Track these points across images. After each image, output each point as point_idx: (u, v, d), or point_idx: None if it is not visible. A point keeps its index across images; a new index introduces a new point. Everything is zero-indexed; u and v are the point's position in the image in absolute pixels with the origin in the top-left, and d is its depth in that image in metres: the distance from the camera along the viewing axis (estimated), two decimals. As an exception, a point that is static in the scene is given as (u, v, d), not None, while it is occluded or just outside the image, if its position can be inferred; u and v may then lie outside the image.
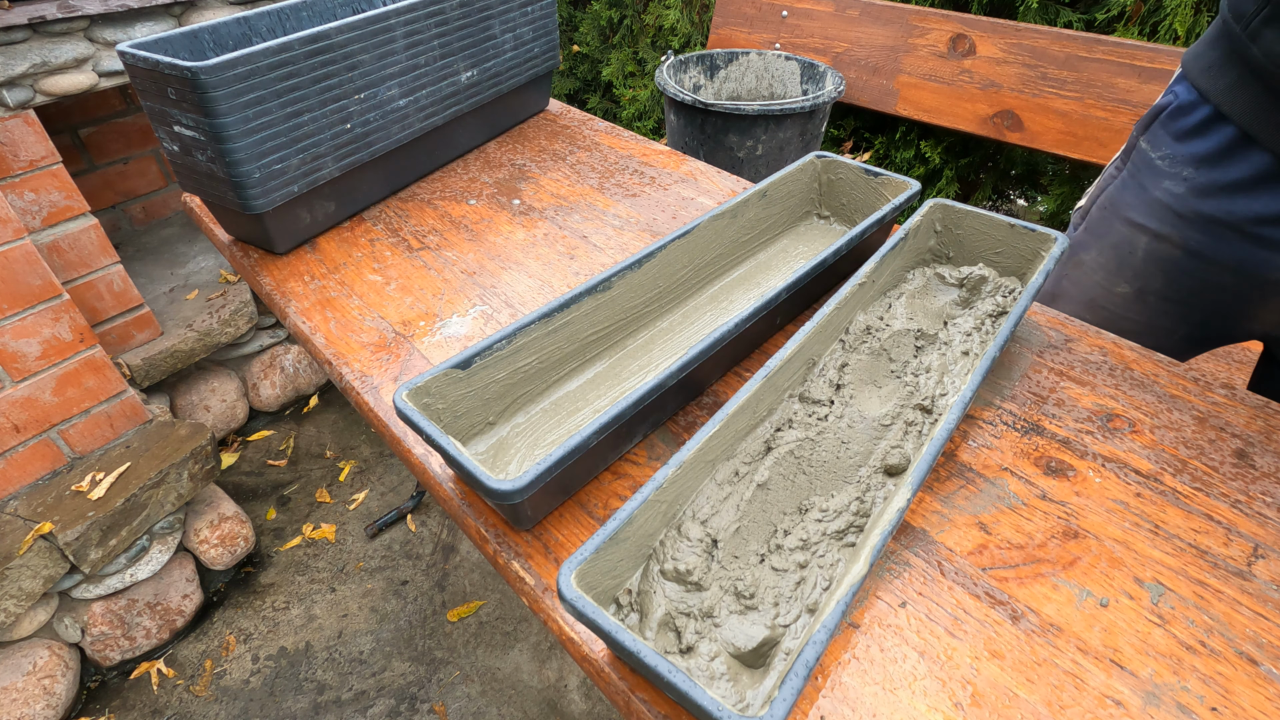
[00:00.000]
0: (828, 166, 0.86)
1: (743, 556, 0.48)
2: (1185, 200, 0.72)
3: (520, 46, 1.08)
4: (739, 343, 0.65)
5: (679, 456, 0.49)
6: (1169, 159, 0.73)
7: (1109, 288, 0.80)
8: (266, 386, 1.90)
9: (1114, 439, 0.58)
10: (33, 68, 1.23)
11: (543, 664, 1.40)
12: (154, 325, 1.59)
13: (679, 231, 0.70)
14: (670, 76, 1.87)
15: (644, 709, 0.43)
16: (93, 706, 1.36)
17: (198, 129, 0.73)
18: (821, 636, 0.38)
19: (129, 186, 1.86)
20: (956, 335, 0.68)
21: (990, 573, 0.49)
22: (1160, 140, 0.74)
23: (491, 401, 0.59)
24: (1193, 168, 0.71)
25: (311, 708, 1.35)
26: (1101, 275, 0.80)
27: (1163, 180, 0.73)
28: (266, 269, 0.85)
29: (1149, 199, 0.75)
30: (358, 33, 0.81)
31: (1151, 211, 0.74)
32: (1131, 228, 0.76)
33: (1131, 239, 0.77)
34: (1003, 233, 0.73)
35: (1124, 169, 0.78)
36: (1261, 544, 0.50)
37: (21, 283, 1.17)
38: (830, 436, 0.57)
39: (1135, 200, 0.76)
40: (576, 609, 0.39)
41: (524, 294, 0.78)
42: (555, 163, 1.06)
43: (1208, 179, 0.70)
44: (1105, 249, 0.79)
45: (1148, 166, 0.75)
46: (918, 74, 1.80)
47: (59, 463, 1.32)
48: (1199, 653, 0.44)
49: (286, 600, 1.54)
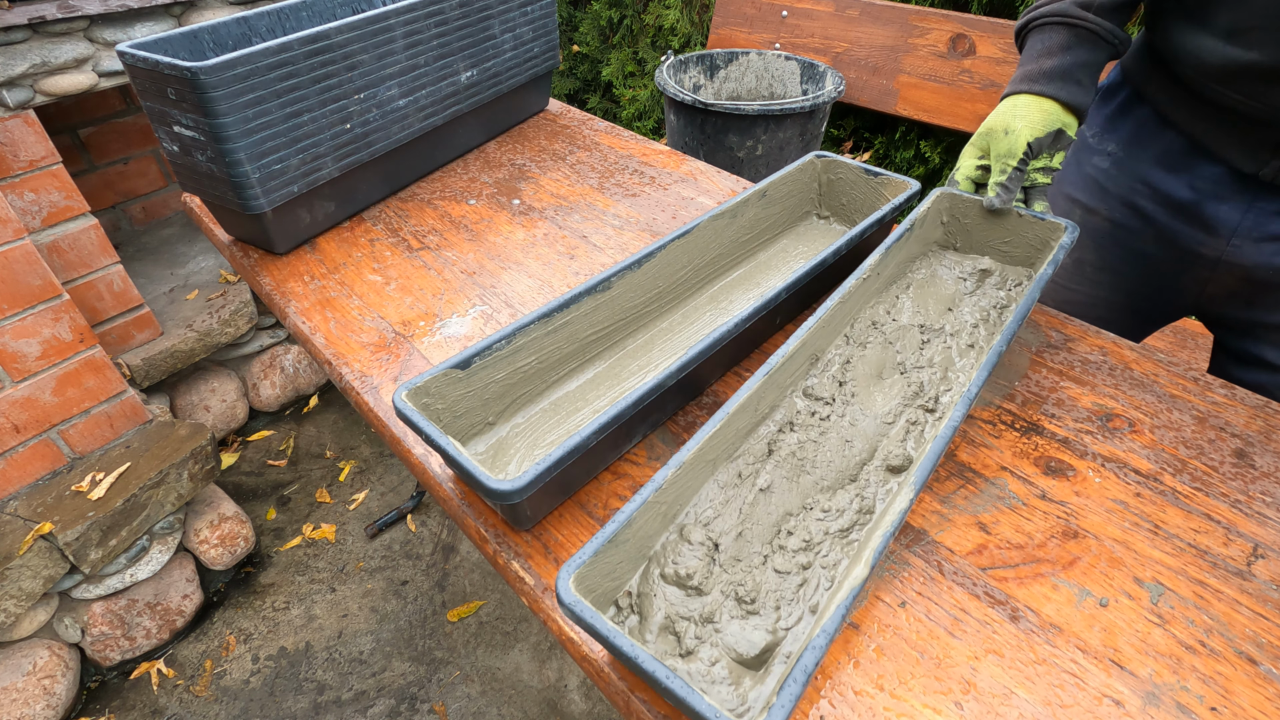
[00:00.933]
0: (828, 166, 0.86)
1: (745, 559, 0.48)
2: (1110, 175, 0.79)
3: (520, 46, 1.08)
4: (739, 342, 0.65)
5: (678, 457, 0.48)
6: (1098, 136, 0.80)
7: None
8: (266, 386, 1.90)
9: (1114, 439, 0.58)
10: (33, 68, 1.23)
11: (543, 664, 1.40)
12: (154, 325, 1.59)
13: (679, 231, 0.70)
14: (670, 76, 1.87)
15: (644, 709, 0.43)
16: (93, 706, 1.36)
17: (198, 129, 0.73)
18: (821, 641, 0.38)
19: (129, 186, 1.86)
20: (962, 329, 0.67)
21: (990, 573, 0.48)
22: (1092, 119, 0.82)
23: (491, 401, 0.59)
24: (1116, 144, 0.78)
25: (311, 708, 1.35)
26: None
27: (1093, 156, 0.81)
28: (266, 269, 0.85)
29: (1082, 174, 0.82)
30: (357, 33, 0.81)
31: (1084, 186, 0.82)
32: (1069, 201, 0.84)
33: (1069, 212, 0.84)
34: (1010, 222, 0.73)
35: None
36: (1261, 544, 0.50)
37: (21, 283, 1.17)
38: (833, 435, 0.57)
39: (1072, 176, 0.83)
40: (575, 613, 0.39)
41: (524, 294, 0.78)
42: (555, 163, 1.06)
43: (1128, 155, 0.77)
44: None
45: (1083, 144, 0.83)
46: (918, 74, 1.80)
47: (59, 463, 1.32)
48: (1199, 653, 0.44)
49: (286, 600, 1.54)
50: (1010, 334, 0.59)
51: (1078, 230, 0.70)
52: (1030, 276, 0.73)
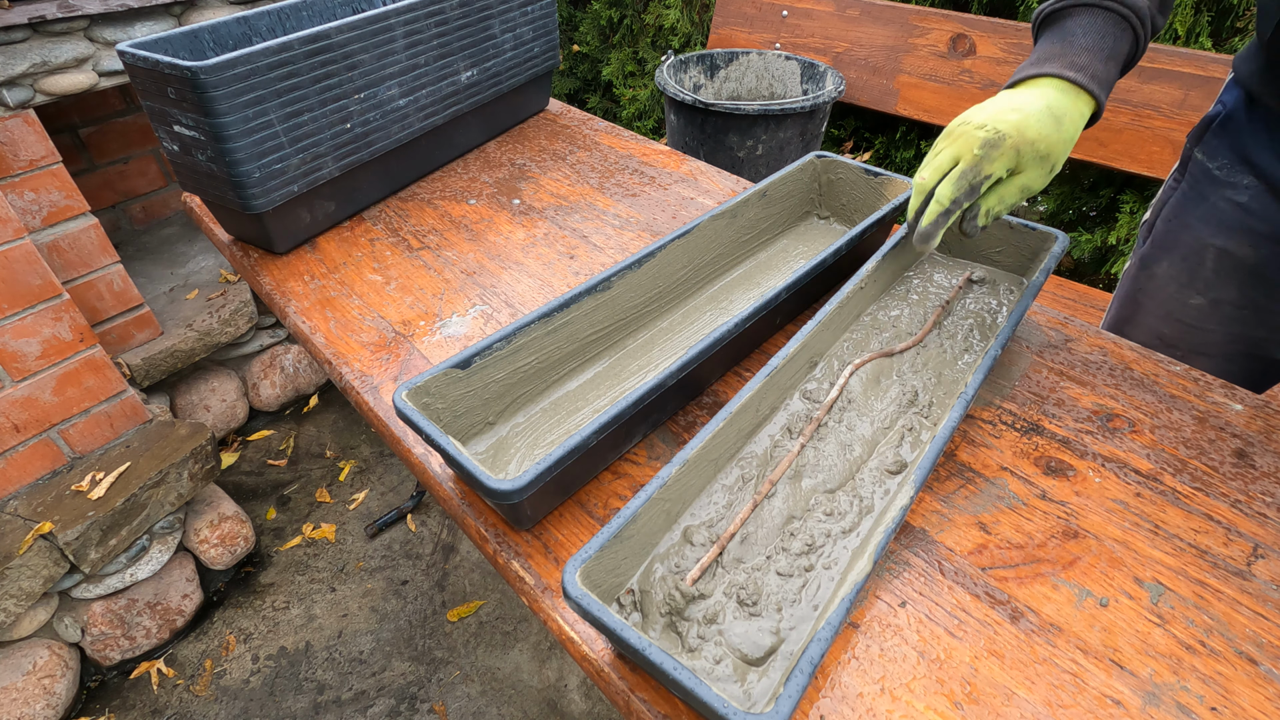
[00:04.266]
0: (828, 166, 0.86)
1: (748, 560, 0.48)
2: (1253, 210, 0.70)
3: (520, 46, 1.08)
4: (739, 342, 0.65)
5: (682, 455, 0.49)
6: (1226, 169, 0.71)
7: (1183, 300, 0.78)
8: (266, 386, 1.90)
9: (1114, 439, 0.58)
10: (33, 67, 1.23)
11: (543, 664, 1.40)
12: (154, 325, 1.59)
13: (679, 231, 0.70)
14: (670, 76, 1.87)
15: (644, 709, 0.43)
16: (93, 706, 1.36)
17: (198, 129, 0.73)
18: (826, 634, 0.39)
19: (129, 186, 1.86)
20: (958, 334, 0.68)
21: (990, 572, 0.48)
22: (1216, 150, 0.72)
23: (491, 401, 0.59)
24: (1252, 175, 0.69)
25: (311, 707, 1.35)
26: (1174, 288, 0.78)
27: (1224, 190, 0.72)
28: (266, 269, 0.85)
29: (1212, 210, 0.73)
30: (358, 32, 0.81)
31: (1218, 224, 0.73)
32: (1198, 239, 0.75)
33: (1200, 250, 0.74)
34: (1004, 231, 0.74)
35: (1183, 180, 0.77)
36: (1261, 544, 0.50)
37: (21, 282, 1.17)
38: (832, 438, 0.57)
39: (1198, 211, 0.74)
40: (581, 606, 0.39)
41: (524, 294, 0.78)
42: (555, 162, 1.06)
43: (1269, 186, 0.68)
44: (1175, 261, 0.78)
45: (1206, 177, 0.73)
46: (918, 74, 1.80)
47: (59, 462, 1.31)
48: (1199, 653, 0.44)
49: (286, 600, 1.54)
50: (1005, 339, 0.59)
51: (1068, 240, 0.68)
52: (1022, 284, 0.74)
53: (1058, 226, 1.94)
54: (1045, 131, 0.56)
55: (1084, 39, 0.58)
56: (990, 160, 0.56)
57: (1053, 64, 0.58)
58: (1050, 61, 0.58)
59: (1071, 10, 0.59)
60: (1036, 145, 0.56)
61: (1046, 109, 0.56)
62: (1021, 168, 0.57)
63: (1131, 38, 0.58)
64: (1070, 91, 0.57)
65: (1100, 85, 0.57)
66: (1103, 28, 0.57)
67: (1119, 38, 0.58)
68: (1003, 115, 0.57)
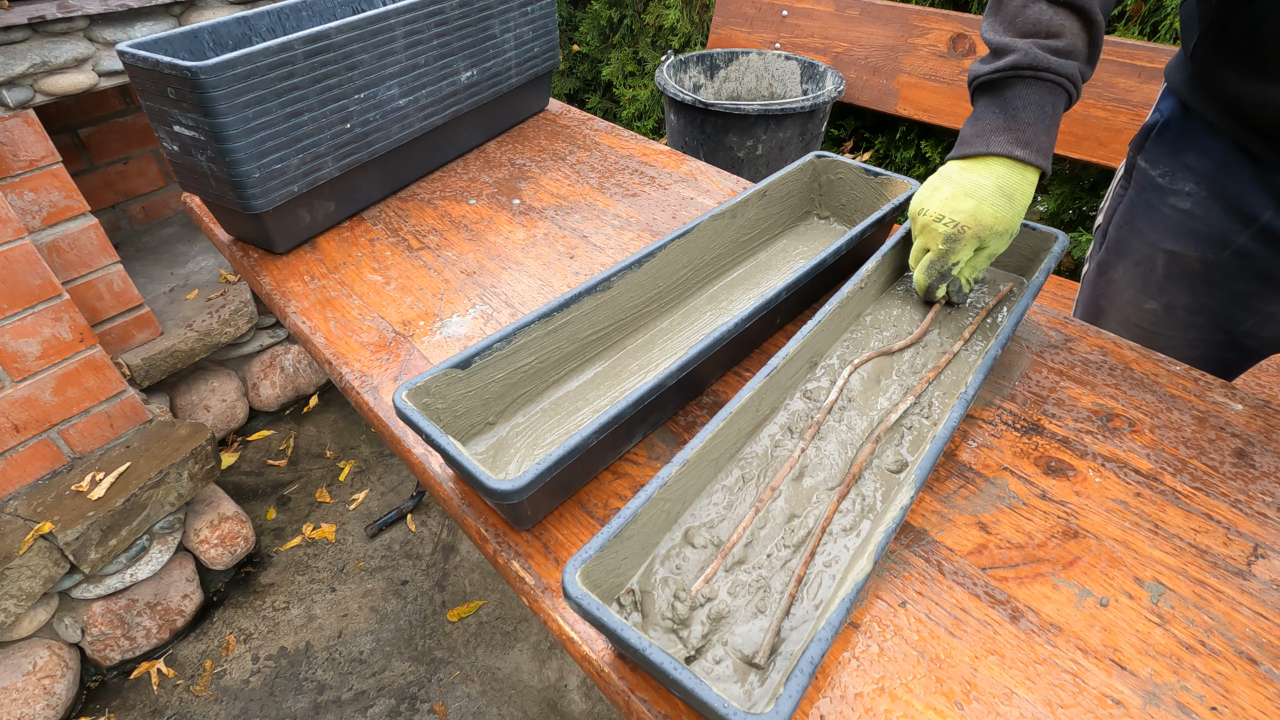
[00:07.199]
0: (827, 166, 0.86)
1: (749, 560, 0.48)
2: (1195, 215, 0.71)
3: (520, 46, 1.08)
4: (739, 343, 0.65)
5: (682, 455, 0.49)
6: (1168, 175, 0.73)
7: (1139, 305, 0.79)
8: (266, 386, 1.90)
9: (1114, 439, 0.58)
10: (32, 67, 1.23)
11: (543, 664, 1.40)
12: (154, 325, 1.59)
13: (679, 231, 0.70)
14: (670, 76, 1.87)
15: (644, 709, 0.43)
16: (93, 706, 1.36)
17: (198, 129, 0.73)
18: (826, 634, 0.38)
19: (129, 186, 1.86)
20: (958, 333, 0.68)
21: (990, 572, 0.48)
22: (1157, 157, 0.74)
23: (491, 401, 0.59)
24: (1195, 183, 0.70)
25: (311, 708, 1.35)
26: (1130, 293, 0.79)
27: (1168, 198, 0.73)
28: (266, 269, 0.85)
29: (1159, 217, 0.74)
30: (358, 33, 0.81)
31: (1166, 229, 0.74)
32: (1148, 245, 0.76)
33: (1150, 255, 0.76)
34: None
35: (1129, 187, 0.78)
36: (1261, 544, 0.50)
37: (21, 283, 1.17)
38: (833, 438, 0.57)
39: (1146, 218, 0.76)
40: (581, 606, 0.39)
41: (524, 294, 0.78)
42: (555, 163, 1.06)
43: (1213, 192, 0.69)
44: (1129, 266, 0.79)
45: (1150, 184, 0.75)
46: (918, 74, 1.80)
47: (59, 463, 1.31)
48: (1199, 652, 0.44)
49: (286, 600, 1.54)
50: (1005, 339, 0.59)
51: (1068, 240, 0.69)
52: (1023, 283, 0.74)
53: (1058, 226, 1.94)
54: (1000, 214, 0.61)
55: (1025, 113, 0.60)
56: (954, 251, 0.64)
57: (1000, 140, 0.61)
58: (997, 136, 0.61)
59: (1010, 81, 0.61)
60: (994, 228, 0.62)
61: (998, 190, 0.61)
62: (985, 244, 0.64)
63: (1066, 99, 0.61)
64: (1018, 168, 0.61)
65: (1046, 156, 0.61)
66: (1041, 99, 0.60)
67: (1056, 104, 0.61)
68: (958, 205, 0.62)
